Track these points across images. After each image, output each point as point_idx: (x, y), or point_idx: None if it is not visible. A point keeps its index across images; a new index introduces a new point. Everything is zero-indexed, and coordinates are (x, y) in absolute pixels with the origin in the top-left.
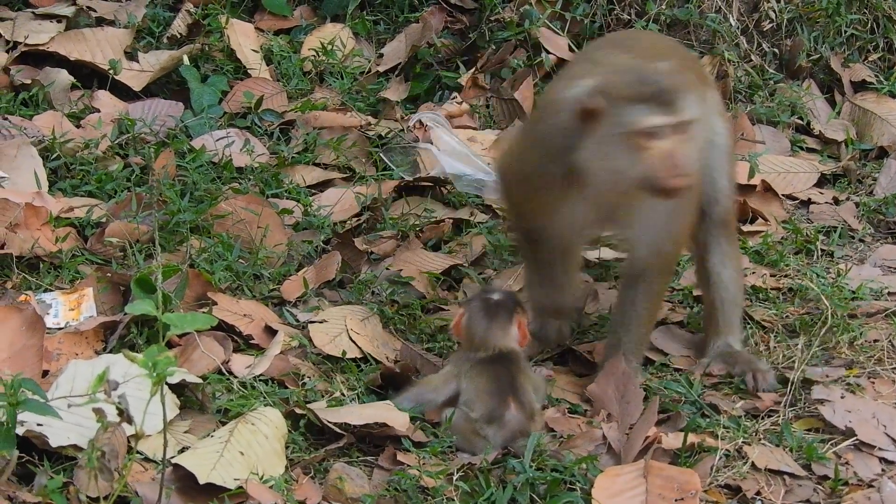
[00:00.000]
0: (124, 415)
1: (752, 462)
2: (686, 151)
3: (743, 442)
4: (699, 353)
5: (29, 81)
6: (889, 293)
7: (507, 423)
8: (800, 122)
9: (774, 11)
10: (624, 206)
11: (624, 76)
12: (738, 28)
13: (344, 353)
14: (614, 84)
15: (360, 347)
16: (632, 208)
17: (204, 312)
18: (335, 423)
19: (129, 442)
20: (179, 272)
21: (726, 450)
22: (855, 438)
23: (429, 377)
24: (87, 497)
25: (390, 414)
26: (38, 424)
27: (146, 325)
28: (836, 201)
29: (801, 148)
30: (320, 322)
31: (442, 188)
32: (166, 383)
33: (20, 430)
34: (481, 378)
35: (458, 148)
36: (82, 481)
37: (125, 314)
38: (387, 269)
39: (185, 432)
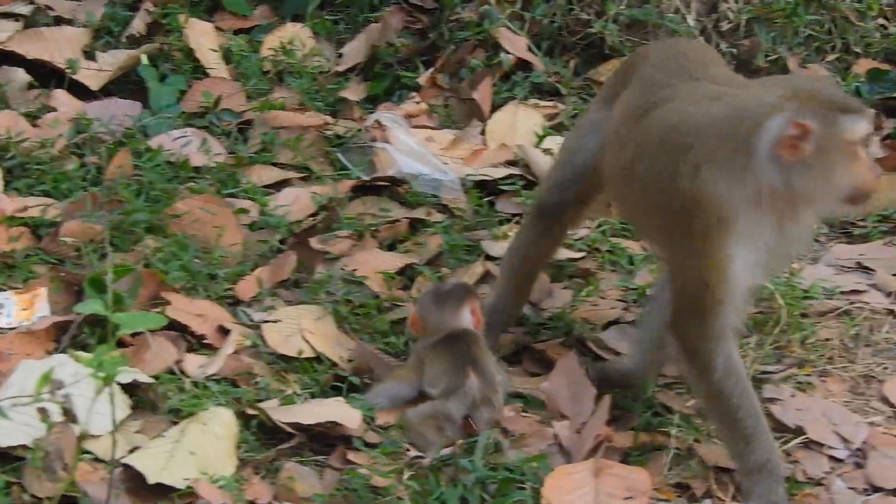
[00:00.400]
0: (69, 415)
1: (703, 460)
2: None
3: (694, 440)
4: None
5: None
6: (842, 292)
7: (467, 392)
8: None
9: (732, 12)
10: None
11: (815, 92)
12: (696, 28)
13: (301, 351)
14: (813, 102)
15: (313, 347)
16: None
17: (157, 312)
18: (287, 423)
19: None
20: (133, 272)
21: (677, 448)
22: (805, 437)
23: (398, 371)
24: (33, 497)
25: (342, 413)
26: None
27: (99, 325)
28: None
29: None
30: (274, 322)
31: (399, 188)
32: (118, 383)
33: None
34: (440, 357)
35: (416, 148)
36: (29, 481)
37: (78, 314)
38: (342, 268)
39: (137, 432)
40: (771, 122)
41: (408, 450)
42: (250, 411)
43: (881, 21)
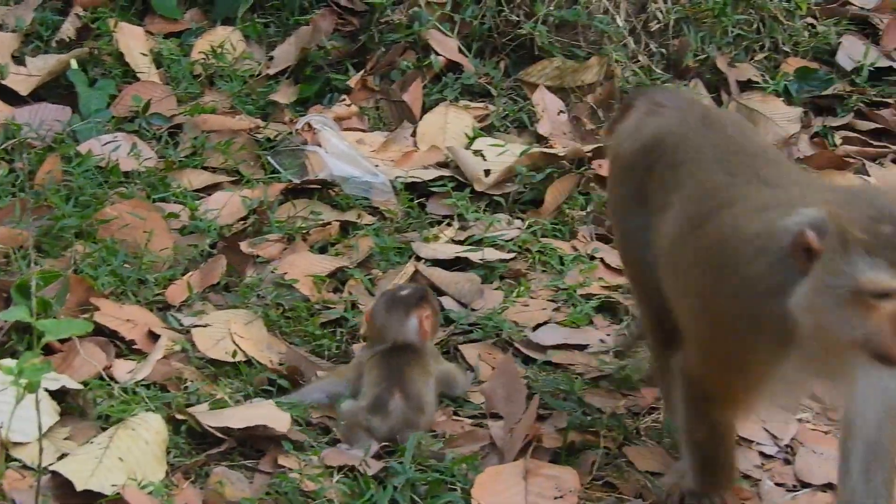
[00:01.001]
0: None
1: (632, 462)
2: None
3: (624, 440)
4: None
5: None
6: None
7: (391, 412)
8: None
9: (661, 12)
10: (842, 366)
11: (854, 210)
12: (625, 29)
13: (235, 353)
14: (842, 220)
15: (244, 351)
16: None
17: (85, 318)
18: (216, 427)
19: (4, 449)
20: (61, 278)
21: (607, 448)
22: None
23: (340, 369)
24: None
25: (272, 415)
26: None
27: (27, 332)
28: None
29: None
30: (204, 326)
31: (329, 191)
32: (46, 390)
33: None
34: (375, 369)
35: (346, 150)
36: None
37: (4, 321)
38: (272, 272)
39: (66, 439)
40: (791, 222)
41: (335, 443)
42: (180, 416)
43: (809, 20)
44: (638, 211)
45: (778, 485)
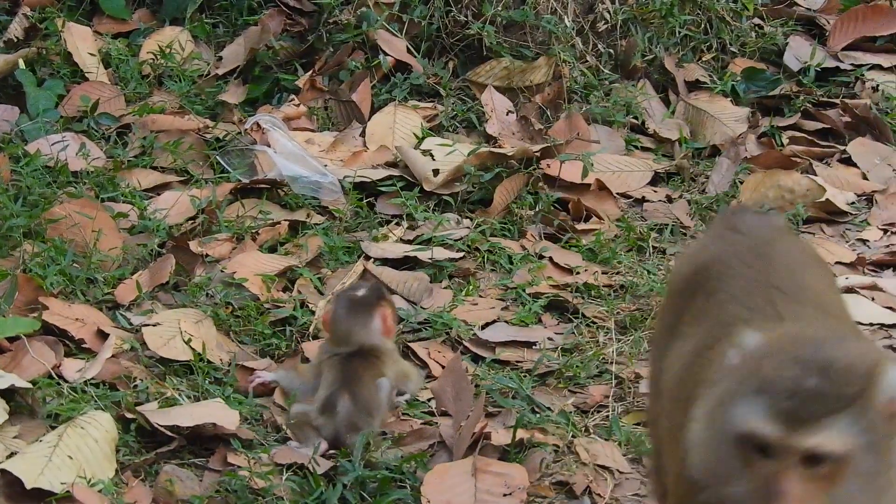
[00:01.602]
0: None
1: (581, 458)
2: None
3: (573, 437)
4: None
5: None
6: None
7: (338, 414)
8: (635, 121)
9: (609, 13)
10: None
11: (788, 348)
12: (573, 29)
13: (199, 352)
14: (761, 352)
15: (193, 350)
16: None
17: (34, 317)
18: (165, 426)
19: None
20: (10, 277)
21: (556, 445)
22: None
23: (302, 367)
24: None
25: (219, 413)
26: None
27: None
28: (670, 199)
29: (636, 147)
30: (154, 325)
31: (279, 190)
32: None
33: None
34: (329, 371)
35: (295, 150)
36: None
37: None
38: (222, 271)
39: (15, 437)
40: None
41: (285, 441)
42: (129, 415)
43: (756, 21)
44: (671, 340)
45: None
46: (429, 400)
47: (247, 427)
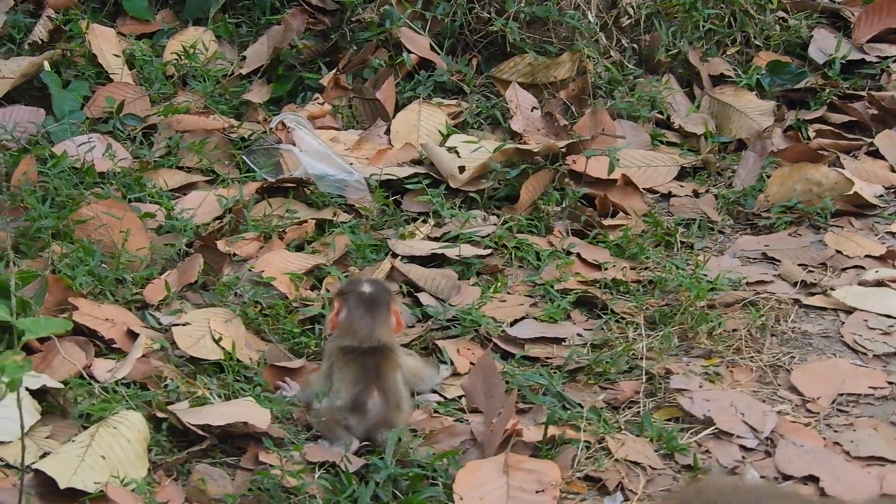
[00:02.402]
0: None
1: (613, 454)
2: None
3: (604, 433)
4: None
5: None
6: (747, 283)
7: (368, 411)
8: (660, 116)
9: (633, 7)
10: None
11: None
12: (596, 24)
13: (228, 352)
14: None
15: (223, 349)
16: None
17: (64, 317)
18: (197, 425)
19: None
20: (39, 278)
21: (587, 441)
22: (714, 427)
23: (310, 375)
24: None
25: (251, 412)
26: None
27: (5, 331)
28: (696, 194)
29: (662, 142)
30: (183, 325)
31: (305, 189)
32: (27, 389)
33: None
34: (349, 368)
35: (321, 149)
36: None
37: None
38: (249, 270)
39: (47, 438)
40: None
41: (316, 438)
42: (160, 414)
43: (780, 14)
44: None
45: (760, 478)
46: (459, 397)
47: (278, 426)
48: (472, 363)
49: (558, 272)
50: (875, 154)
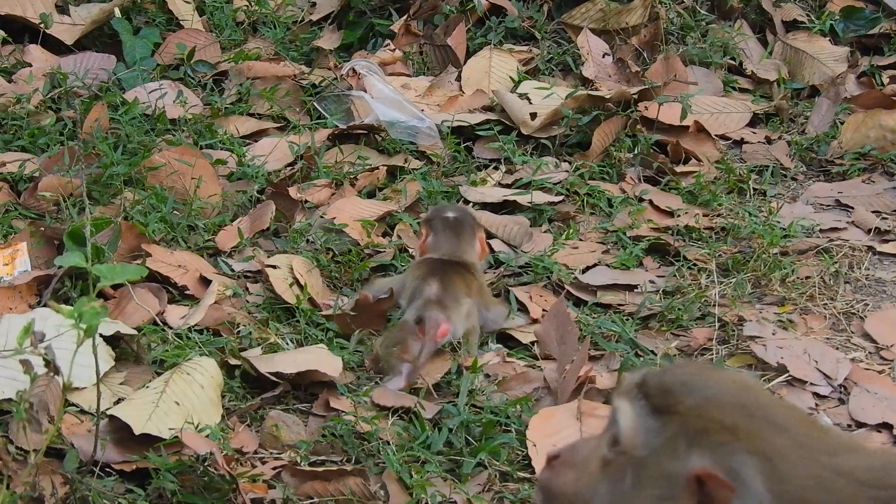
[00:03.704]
0: (51, 366)
1: None
2: None
3: None
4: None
5: None
6: (820, 230)
7: (423, 294)
8: (732, 62)
9: None
10: None
11: None
12: None
13: (298, 298)
14: None
15: (297, 296)
16: None
17: (137, 264)
18: (269, 372)
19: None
20: (113, 224)
21: None
22: (788, 375)
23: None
24: (19, 449)
25: (324, 360)
26: None
27: (80, 278)
28: (769, 141)
29: (734, 88)
30: (274, 268)
31: (376, 136)
32: (101, 335)
33: None
34: (423, 268)
35: (392, 95)
36: (15, 433)
37: (59, 268)
38: (321, 216)
39: (121, 384)
40: None
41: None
42: (233, 361)
43: None
44: None
45: (834, 425)
46: (532, 343)
47: (349, 372)
48: (544, 310)
49: (630, 219)
50: None
